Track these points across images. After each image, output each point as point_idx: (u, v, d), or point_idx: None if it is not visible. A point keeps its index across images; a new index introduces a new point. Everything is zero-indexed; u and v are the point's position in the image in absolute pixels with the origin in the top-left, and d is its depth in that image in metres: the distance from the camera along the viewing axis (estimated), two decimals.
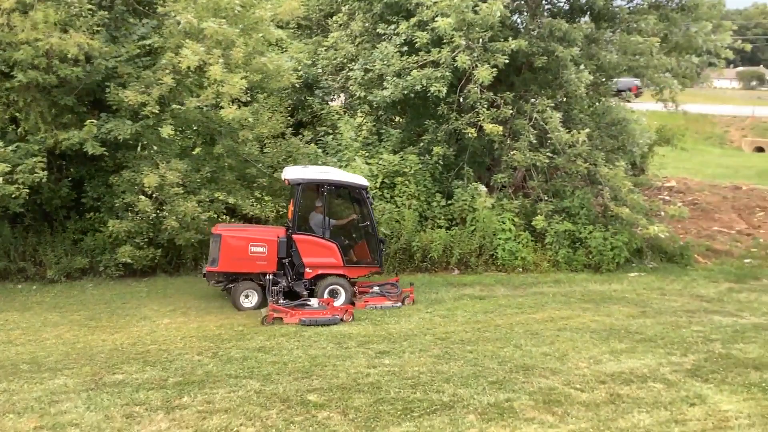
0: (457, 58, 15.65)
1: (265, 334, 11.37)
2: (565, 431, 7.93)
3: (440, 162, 17.24)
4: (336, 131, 17.24)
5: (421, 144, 17.50)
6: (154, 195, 14.46)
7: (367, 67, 17.06)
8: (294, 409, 8.53)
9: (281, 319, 12.09)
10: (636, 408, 8.68)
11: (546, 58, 16.36)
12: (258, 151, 16.13)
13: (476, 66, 15.64)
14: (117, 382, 9.19)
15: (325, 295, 12.98)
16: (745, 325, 12.43)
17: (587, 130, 16.35)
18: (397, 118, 20.07)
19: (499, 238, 16.45)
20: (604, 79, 19.21)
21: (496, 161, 18.25)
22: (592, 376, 9.82)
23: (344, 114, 18.24)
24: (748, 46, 20.25)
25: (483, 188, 16.68)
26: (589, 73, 16.57)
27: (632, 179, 17.51)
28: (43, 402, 8.49)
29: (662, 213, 18.07)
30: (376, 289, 13.91)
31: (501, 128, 15.92)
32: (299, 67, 18.71)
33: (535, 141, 16.79)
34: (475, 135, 16.38)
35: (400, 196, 16.59)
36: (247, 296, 12.98)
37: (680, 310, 13.47)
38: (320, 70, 18.89)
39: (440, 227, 16.59)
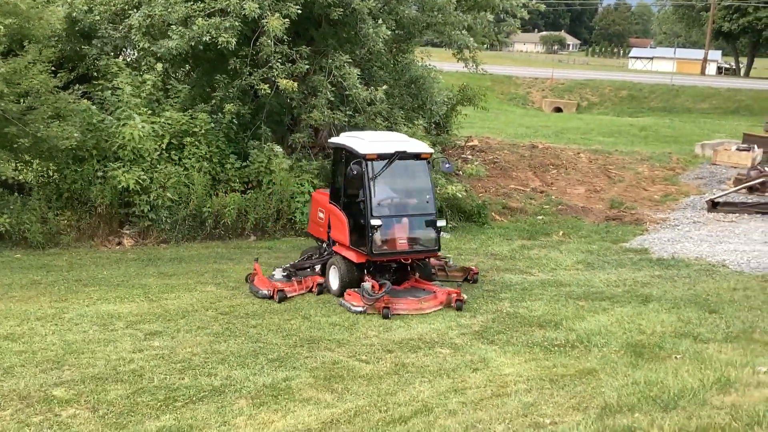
0: (245, 5, 14.47)
1: (17, 319, 9.87)
2: (340, 410, 7.33)
3: (234, 121, 16.08)
4: (113, 84, 15.49)
5: (213, 102, 16.21)
6: None
7: (149, 12, 15.41)
8: (34, 407, 7.33)
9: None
10: (419, 378, 8.29)
11: (342, 10, 15.59)
12: (19, 107, 14.07)
13: (267, 16, 14.56)
14: None
15: (328, 274, 11.56)
16: (533, 282, 12.56)
17: (385, 87, 15.86)
18: (192, 73, 18.57)
19: (298, 201, 15.68)
20: (406, 37, 18.87)
21: (297, 120, 17.40)
22: (380, 346, 9.37)
23: (127, 67, 16.44)
24: (542, 6, 20.72)
25: (278, 149, 15.78)
26: (388, 28, 16.03)
27: (432, 138, 17.35)
28: None
29: (461, 172, 18.14)
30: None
31: (295, 84, 15.02)
32: (74, 13, 16.66)
33: (334, 99, 16.09)
34: (269, 92, 15.39)
35: (189, 158, 15.29)
36: None
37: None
38: (98, 17, 16.90)
39: (235, 191, 15.53)
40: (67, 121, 14.11)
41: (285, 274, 11.72)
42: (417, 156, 11.30)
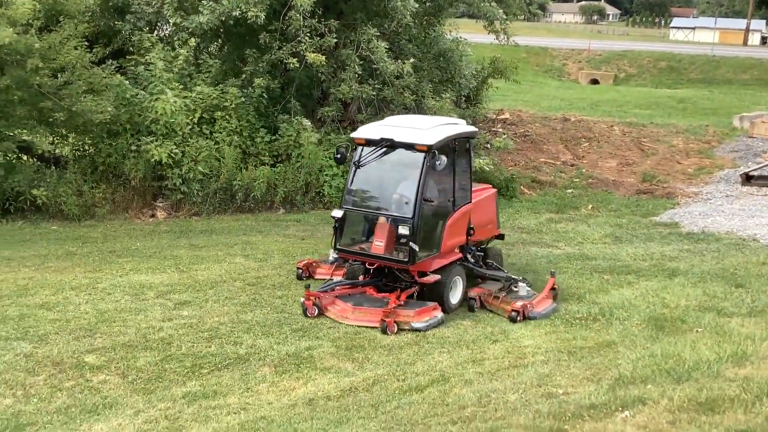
0: None
1: (52, 288, 10.22)
2: (360, 379, 7.52)
3: (264, 95, 16.24)
4: (145, 59, 15.71)
5: (243, 76, 16.38)
6: None
7: None
8: (66, 373, 7.63)
9: None
10: (438, 348, 8.44)
11: None
12: (55, 82, 14.40)
13: None
14: None
15: None
16: (558, 256, 12.59)
17: (412, 60, 15.85)
18: (224, 48, 18.73)
19: (326, 175, 15.84)
20: (436, 10, 18.77)
21: (325, 94, 17.50)
22: None
23: (159, 42, 16.66)
24: None
25: (307, 122, 15.91)
26: (416, 1, 15.98)
27: (459, 111, 17.30)
28: None
29: (489, 145, 18.09)
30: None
31: (323, 57, 15.11)
32: None
33: (362, 72, 16.15)
34: (298, 65, 15.50)
35: (220, 132, 15.50)
36: None
37: (499, 243, 13.45)
38: None
39: (264, 164, 15.73)
40: (101, 95, 14.41)
41: (335, 256, 11.10)
42: (411, 147, 9.55)
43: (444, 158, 9.21)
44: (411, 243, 9.27)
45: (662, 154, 21.33)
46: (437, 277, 9.65)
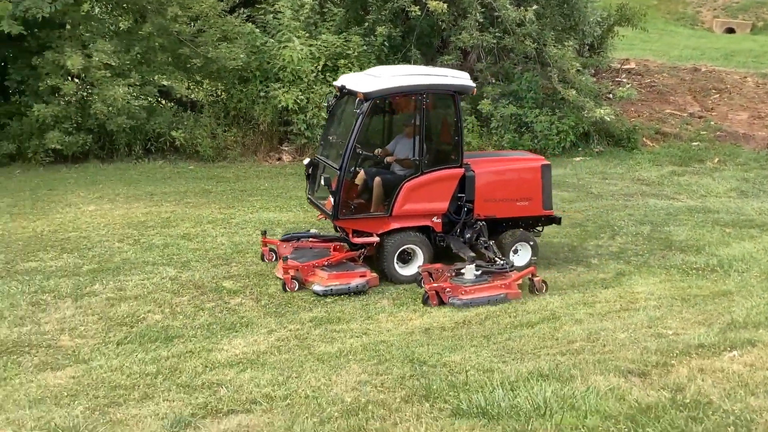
0: None
1: (191, 222, 11.15)
2: (472, 314, 7.90)
3: (386, 43, 16.58)
4: (274, 8, 16.35)
5: (366, 24, 16.76)
6: (82, 76, 13.91)
7: None
8: (207, 295, 8.42)
9: None
10: (549, 291, 8.66)
11: None
12: (191, 29, 15.31)
13: None
14: (29, 269, 8.97)
15: None
16: (679, 208, 12.41)
17: (535, 7, 15.70)
18: None
19: None
20: None
21: (445, 43, 17.63)
22: None
23: None
24: None
25: None
26: None
27: (582, 60, 17.02)
28: None
29: (612, 95, 17.73)
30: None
31: (444, 5, 15.23)
32: None
33: (483, 20, 16.15)
34: (419, 13, 15.69)
35: None
36: None
37: (618, 193, 13.41)
38: None
39: None
40: (233, 43, 15.22)
41: None
42: (354, 95, 8.82)
43: (365, 105, 8.50)
44: (332, 196, 8.72)
45: None
46: (373, 239, 8.91)
